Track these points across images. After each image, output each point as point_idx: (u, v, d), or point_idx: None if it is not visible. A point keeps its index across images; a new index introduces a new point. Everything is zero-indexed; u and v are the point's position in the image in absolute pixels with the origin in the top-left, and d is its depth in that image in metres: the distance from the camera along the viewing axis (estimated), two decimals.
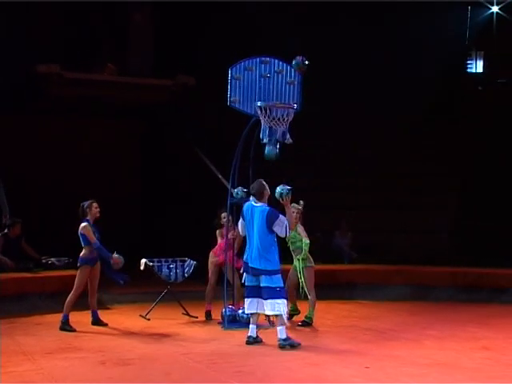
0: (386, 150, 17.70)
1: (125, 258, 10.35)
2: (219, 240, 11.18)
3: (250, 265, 9.11)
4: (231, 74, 10.20)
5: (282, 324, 9.04)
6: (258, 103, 10.02)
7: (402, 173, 17.16)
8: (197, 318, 11.16)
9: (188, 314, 11.27)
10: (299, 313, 10.96)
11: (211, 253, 11.24)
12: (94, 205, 10.32)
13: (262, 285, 9.01)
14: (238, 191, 10.63)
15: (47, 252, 12.88)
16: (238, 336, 9.71)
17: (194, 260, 11.43)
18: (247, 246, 9.23)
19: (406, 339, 9.70)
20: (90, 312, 10.56)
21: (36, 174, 16.44)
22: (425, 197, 16.77)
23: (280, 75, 10.36)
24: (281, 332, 9.00)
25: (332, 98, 17.39)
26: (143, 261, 11.20)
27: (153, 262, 11.21)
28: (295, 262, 10.71)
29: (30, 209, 15.40)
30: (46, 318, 10.98)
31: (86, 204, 10.33)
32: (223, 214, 10.93)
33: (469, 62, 21.08)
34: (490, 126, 18.25)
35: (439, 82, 18.53)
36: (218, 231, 11.23)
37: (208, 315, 11.14)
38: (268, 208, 9.09)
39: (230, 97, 10.21)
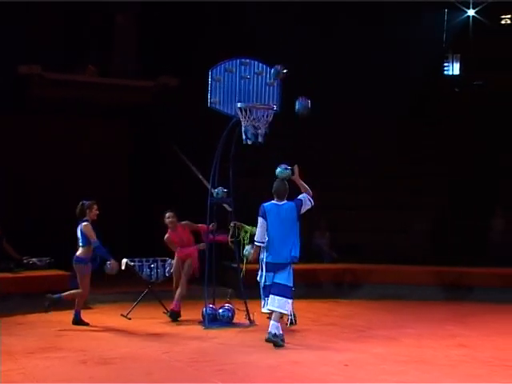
0: (373, 151, 17.88)
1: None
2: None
3: (274, 262, 9.20)
4: (211, 75, 10.29)
5: (277, 321, 9.16)
6: (238, 104, 10.14)
7: (387, 173, 17.33)
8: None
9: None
10: None
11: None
12: (95, 206, 10.42)
13: (278, 281, 9.16)
14: (219, 191, 10.73)
15: (30, 251, 12.89)
16: (219, 335, 9.82)
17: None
18: (269, 246, 9.25)
19: (385, 337, 9.83)
20: (72, 312, 10.56)
21: (24, 173, 16.41)
22: (406, 198, 16.94)
23: (260, 77, 10.48)
24: (273, 327, 9.08)
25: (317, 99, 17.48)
26: (124, 261, 11.22)
27: (134, 261, 11.25)
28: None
29: (13, 209, 15.40)
30: (28, 317, 10.99)
31: (86, 204, 10.38)
32: (167, 214, 11.10)
33: (446, 64, 21.31)
34: (467, 127, 18.47)
35: (417, 84, 18.72)
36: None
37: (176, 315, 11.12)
38: (291, 202, 9.34)
39: (210, 98, 10.31)
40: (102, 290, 12.47)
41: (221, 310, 10.60)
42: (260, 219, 9.30)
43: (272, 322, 9.13)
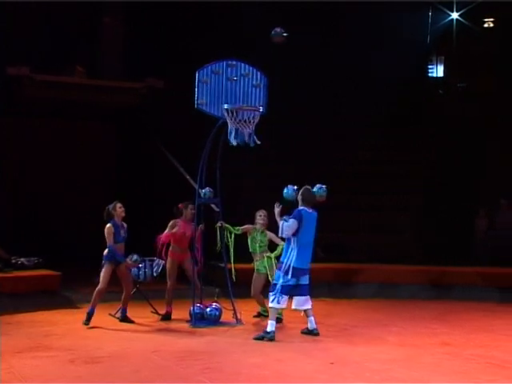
0: (353, 151, 17.99)
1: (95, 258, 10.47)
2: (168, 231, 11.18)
3: (302, 267, 9.66)
4: (198, 77, 10.34)
5: (312, 315, 9.90)
6: (225, 106, 10.23)
7: (364, 173, 17.46)
8: None
9: (157, 313, 11.38)
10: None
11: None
12: (118, 205, 10.51)
13: (303, 283, 9.75)
14: (206, 192, 10.82)
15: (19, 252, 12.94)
16: (206, 334, 9.90)
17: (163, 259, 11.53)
18: (301, 252, 9.61)
19: (370, 335, 9.95)
20: (60, 311, 10.58)
21: (13, 174, 16.44)
22: (389, 198, 17.06)
23: (246, 78, 10.54)
24: (313, 321, 9.88)
25: (297, 102, 17.60)
26: None
27: None
28: (261, 263, 10.89)
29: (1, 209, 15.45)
30: (16, 317, 10.98)
31: (110, 206, 10.50)
32: (192, 206, 11.06)
33: (430, 66, 21.47)
34: (451, 129, 18.63)
35: (401, 85, 18.85)
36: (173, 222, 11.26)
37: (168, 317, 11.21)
38: (316, 211, 9.85)
39: (197, 99, 10.36)
40: (90, 290, 12.50)
41: (208, 309, 10.69)
42: (294, 221, 9.55)
43: (310, 317, 9.85)
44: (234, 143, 10.25)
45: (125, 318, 10.72)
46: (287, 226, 9.54)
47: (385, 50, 18.21)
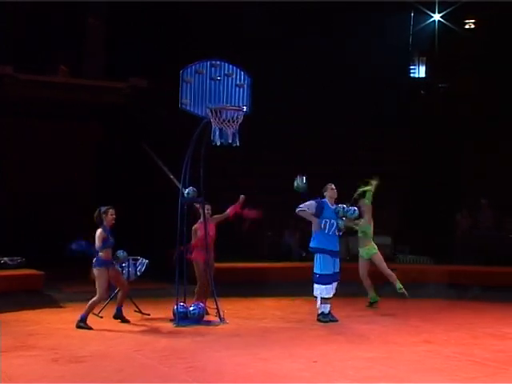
0: (334, 151, 18.07)
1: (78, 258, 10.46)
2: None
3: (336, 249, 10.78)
4: (182, 76, 10.37)
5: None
6: (209, 105, 10.27)
7: (346, 173, 17.51)
8: (149, 315, 11.31)
9: (140, 312, 11.41)
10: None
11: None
12: (110, 211, 10.40)
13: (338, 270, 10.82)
14: (189, 191, 10.86)
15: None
16: (190, 332, 9.92)
17: (146, 259, 11.56)
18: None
19: (353, 333, 10.04)
20: (44, 311, 10.56)
21: None
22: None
23: (230, 78, 10.59)
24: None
25: (280, 104, 17.69)
26: None
27: None
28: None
29: None
30: (0, 316, 10.91)
31: (102, 209, 10.39)
32: (208, 206, 11.24)
33: (412, 67, 21.61)
34: (432, 129, 18.77)
35: (382, 86, 18.96)
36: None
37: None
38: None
39: (181, 99, 10.39)
40: (74, 289, 12.53)
41: (192, 308, 10.72)
42: (314, 203, 10.75)
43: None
44: (218, 143, 10.30)
45: (120, 316, 10.71)
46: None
47: (367, 51, 18.32)
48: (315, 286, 10.77)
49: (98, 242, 10.21)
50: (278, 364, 8.11)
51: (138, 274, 11.46)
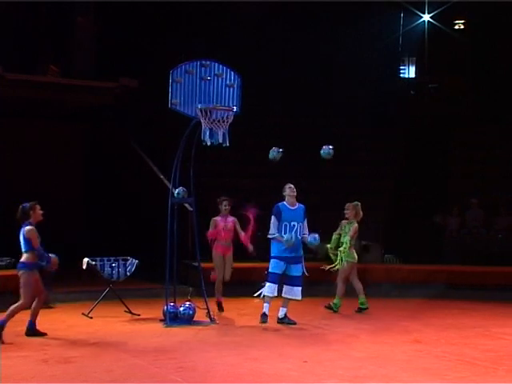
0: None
1: (67, 258, 10.40)
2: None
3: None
4: (172, 76, 10.35)
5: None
6: (199, 105, 10.26)
7: (339, 173, 17.56)
8: (139, 315, 11.29)
9: (130, 312, 11.39)
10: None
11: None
12: (38, 207, 9.46)
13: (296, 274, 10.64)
14: (179, 191, 10.84)
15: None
16: (180, 333, 9.92)
17: (136, 259, 11.54)
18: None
19: (342, 333, 10.05)
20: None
21: None
22: (360, 198, 17.16)
23: (220, 78, 10.58)
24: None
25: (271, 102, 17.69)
26: (85, 260, 11.26)
27: (95, 260, 11.29)
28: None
29: None
30: None
31: (27, 206, 9.39)
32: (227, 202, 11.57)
33: (402, 67, 21.71)
34: (422, 129, 18.83)
35: (373, 87, 19.01)
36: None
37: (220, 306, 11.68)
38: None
39: (171, 99, 10.37)
40: (63, 289, 12.49)
41: (182, 309, 10.70)
42: (273, 216, 10.69)
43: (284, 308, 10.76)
44: (209, 143, 10.29)
45: (34, 331, 9.55)
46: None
47: (357, 51, 18.37)
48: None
49: (34, 241, 9.24)
50: (268, 364, 8.12)
51: (128, 274, 11.45)
